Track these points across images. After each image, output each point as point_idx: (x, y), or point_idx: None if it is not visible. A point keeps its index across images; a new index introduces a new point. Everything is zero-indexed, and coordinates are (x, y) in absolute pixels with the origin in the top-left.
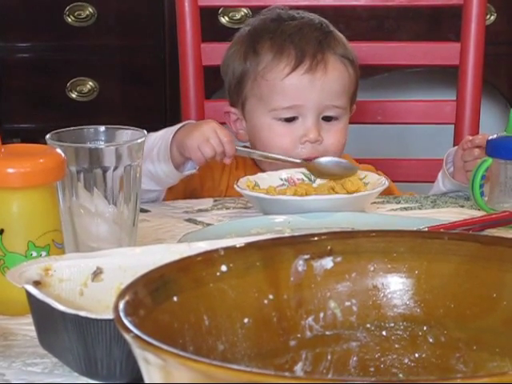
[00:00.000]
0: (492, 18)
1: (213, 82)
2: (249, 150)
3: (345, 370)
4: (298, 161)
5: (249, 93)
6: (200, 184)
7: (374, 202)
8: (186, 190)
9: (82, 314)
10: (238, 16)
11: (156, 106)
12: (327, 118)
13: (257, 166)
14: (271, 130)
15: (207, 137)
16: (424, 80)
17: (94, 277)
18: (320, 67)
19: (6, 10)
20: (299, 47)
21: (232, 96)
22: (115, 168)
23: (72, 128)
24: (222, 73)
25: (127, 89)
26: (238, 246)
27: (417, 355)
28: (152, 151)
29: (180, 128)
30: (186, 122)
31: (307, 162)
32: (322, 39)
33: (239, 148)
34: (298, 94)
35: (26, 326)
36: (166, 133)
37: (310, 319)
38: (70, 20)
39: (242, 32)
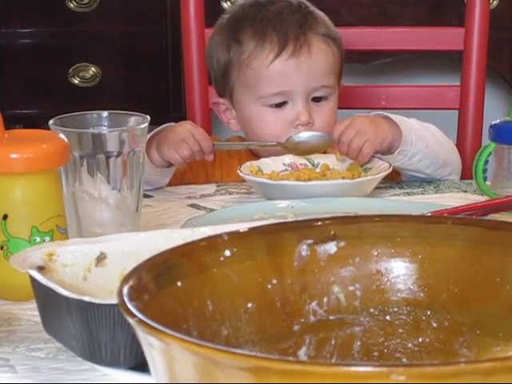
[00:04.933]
0: (495, 2)
1: None
2: (226, 142)
3: (348, 354)
4: (274, 143)
5: (235, 82)
6: (194, 180)
7: (377, 187)
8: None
9: (86, 298)
10: (240, 1)
11: (158, 92)
12: (316, 99)
13: (251, 152)
14: (261, 117)
15: (182, 138)
16: (427, 65)
17: (97, 262)
18: (304, 50)
19: None
20: (281, 32)
21: (219, 86)
22: (118, 153)
23: (75, 113)
24: (206, 63)
25: (129, 75)
26: (241, 231)
27: (420, 340)
28: None
29: (158, 131)
30: (166, 125)
31: (282, 143)
32: (303, 21)
33: (216, 143)
34: (285, 80)
35: (29, 312)
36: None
37: (313, 304)
38: (72, 5)
39: (222, 21)
